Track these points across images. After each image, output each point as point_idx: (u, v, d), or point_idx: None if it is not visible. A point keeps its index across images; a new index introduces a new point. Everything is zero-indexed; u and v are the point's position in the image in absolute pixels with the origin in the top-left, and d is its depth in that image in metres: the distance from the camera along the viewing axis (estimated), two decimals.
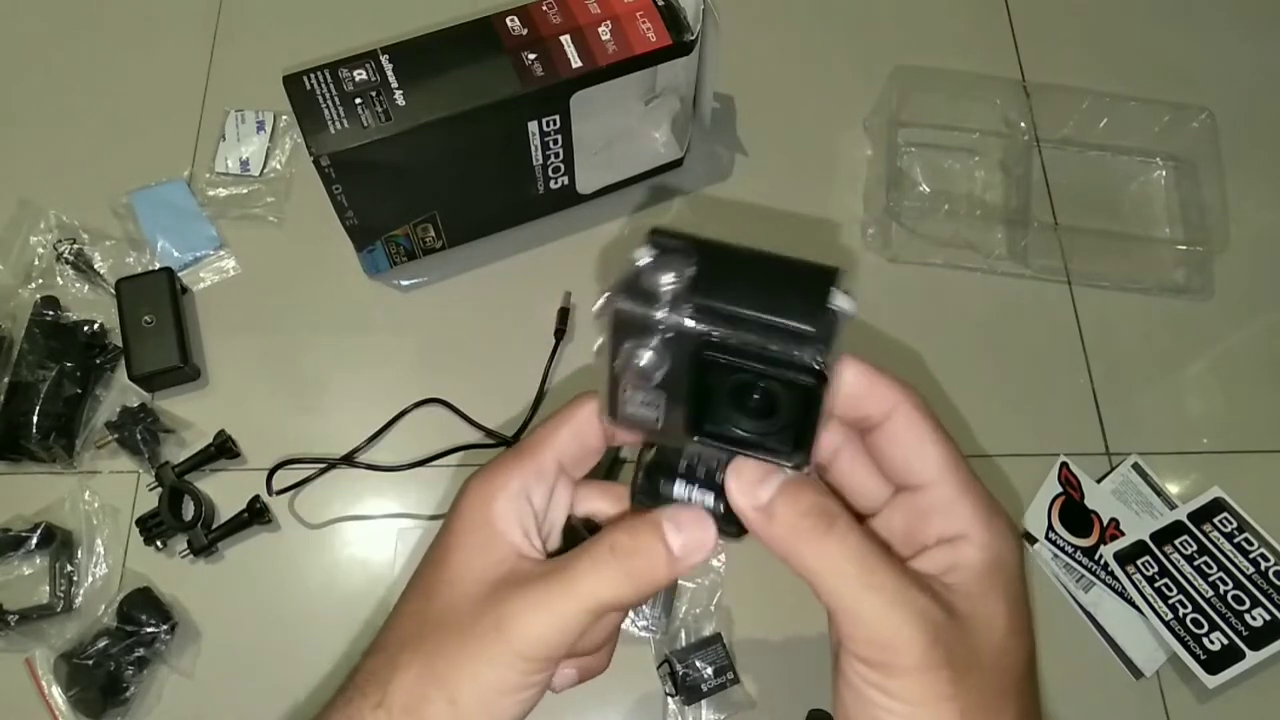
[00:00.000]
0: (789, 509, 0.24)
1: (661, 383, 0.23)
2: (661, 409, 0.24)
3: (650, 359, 0.23)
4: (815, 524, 0.24)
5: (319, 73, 0.58)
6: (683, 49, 0.61)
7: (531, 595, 0.25)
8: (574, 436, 0.28)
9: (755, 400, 0.23)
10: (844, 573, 0.24)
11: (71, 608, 0.59)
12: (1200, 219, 0.73)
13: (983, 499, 0.26)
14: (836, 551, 0.24)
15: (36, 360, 0.63)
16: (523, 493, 0.27)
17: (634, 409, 0.25)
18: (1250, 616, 0.61)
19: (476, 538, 0.27)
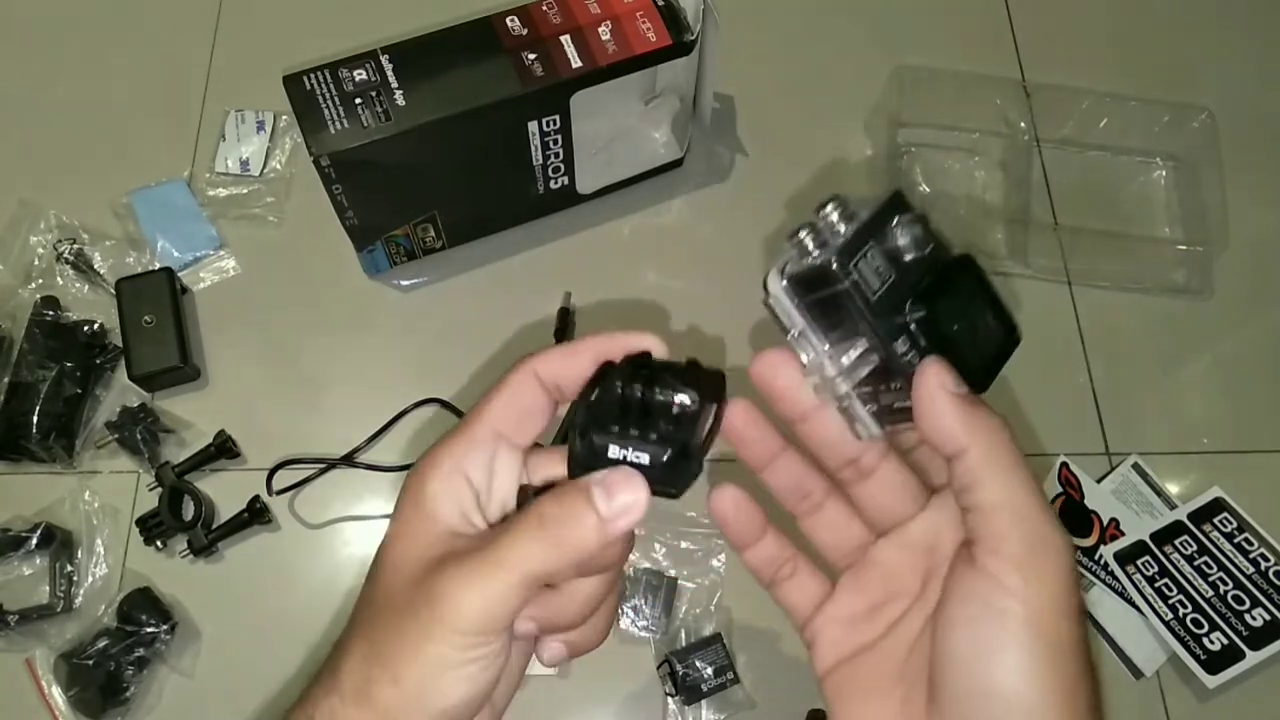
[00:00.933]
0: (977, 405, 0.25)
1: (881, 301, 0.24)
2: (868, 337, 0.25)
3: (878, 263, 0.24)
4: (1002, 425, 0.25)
5: (319, 73, 0.58)
6: (683, 49, 0.62)
7: (463, 571, 0.24)
8: (509, 402, 0.28)
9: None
10: (1020, 467, 0.25)
11: (71, 608, 0.59)
12: (1200, 219, 0.73)
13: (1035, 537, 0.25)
14: (1018, 453, 0.25)
15: (37, 360, 0.63)
16: (456, 470, 0.27)
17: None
18: (1250, 616, 0.61)
19: (413, 521, 0.26)
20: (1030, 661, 0.23)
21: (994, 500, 0.24)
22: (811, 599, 0.30)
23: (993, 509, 0.24)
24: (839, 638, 0.29)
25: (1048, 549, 0.24)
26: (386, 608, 0.26)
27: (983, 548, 0.24)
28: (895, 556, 0.29)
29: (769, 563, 0.30)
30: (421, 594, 0.25)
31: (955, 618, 0.25)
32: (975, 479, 0.25)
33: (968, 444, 0.25)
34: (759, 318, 0.70)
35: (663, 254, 0.72)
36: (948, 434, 0.25)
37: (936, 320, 0.25)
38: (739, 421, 0.29)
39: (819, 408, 0.28)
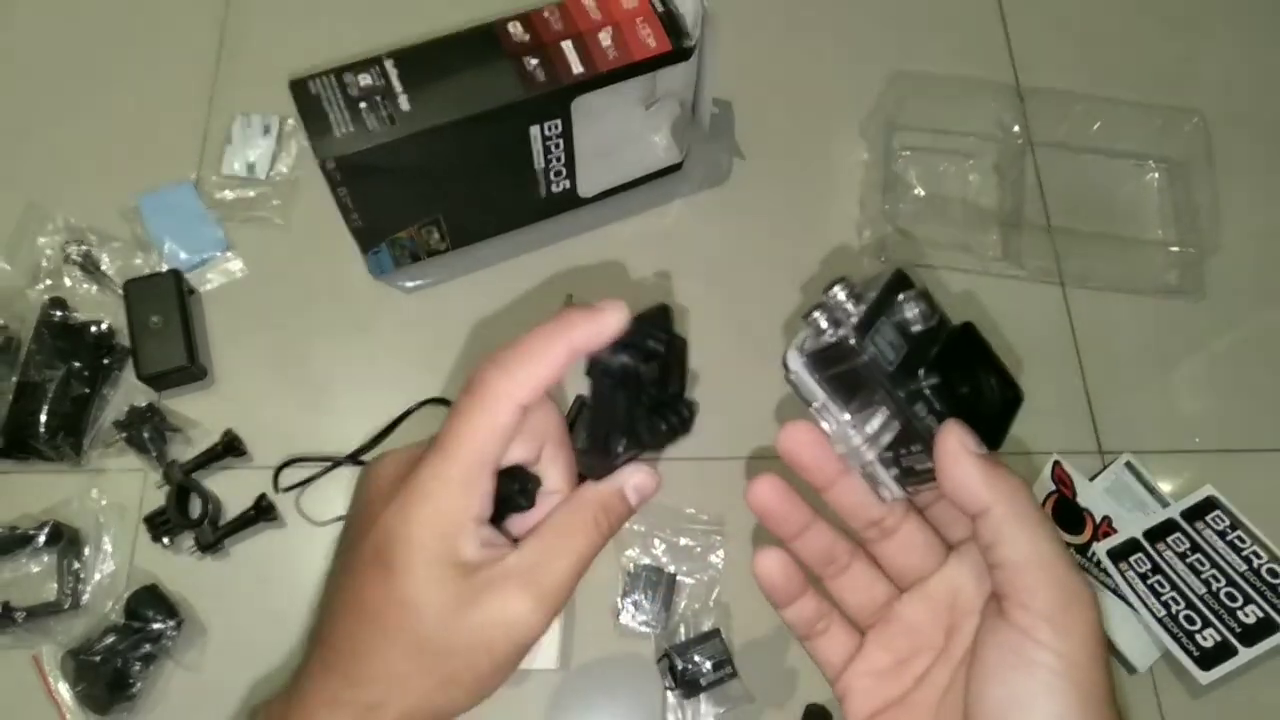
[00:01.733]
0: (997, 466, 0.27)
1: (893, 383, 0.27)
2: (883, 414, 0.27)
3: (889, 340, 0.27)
4: (1022, 483, 0.26)
5: (325, 77, 0.59)
6: (682, 54, 0.62)
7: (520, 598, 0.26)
8: (498, 437, 0.28)
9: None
10: (1042, 522, 0.26)
11: (79, 605, 0.60)
12: (1192, 221, 0.74)
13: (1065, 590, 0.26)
14: (1038, 507, 0.26)
15: (45, 360, 0.63)
16: (473, 519, 0.27)
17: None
18: (1243, 613, 0.62)
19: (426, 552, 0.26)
20: (1064, 710, 0.25)
21: (1021, 556, 0.26)
22: (843, 654, 0.31)
23: (1020, 564, 0.26)
24: (870, 691, 0.30)
25: (1076, 601, 0.25)
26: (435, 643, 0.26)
27: (1013, 601, 0.26)
28: (918, 611, 0.30)
29: (807, 620, 0.31)
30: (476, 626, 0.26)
31: (989, 669, 0.26)
32: (1000, 536, 0.26)
33: (991, 502, 0.26)
34: (758, 318, 0.71)
35: (662, 256, 0.73)
36: (971, 493, 0.26)
37: (948, 386, 0.27)
38: (771, 499, 0.30)
39: (844, 474, 0.30)
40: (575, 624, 0.61)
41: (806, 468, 0.29)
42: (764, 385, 0.64)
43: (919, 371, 0.27)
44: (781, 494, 0.30)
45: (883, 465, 0.28)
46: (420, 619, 0.26)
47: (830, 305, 0.28)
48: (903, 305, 0.27)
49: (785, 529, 0.31)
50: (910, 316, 0.27)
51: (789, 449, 0.29)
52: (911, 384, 0.27)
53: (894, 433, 0.27)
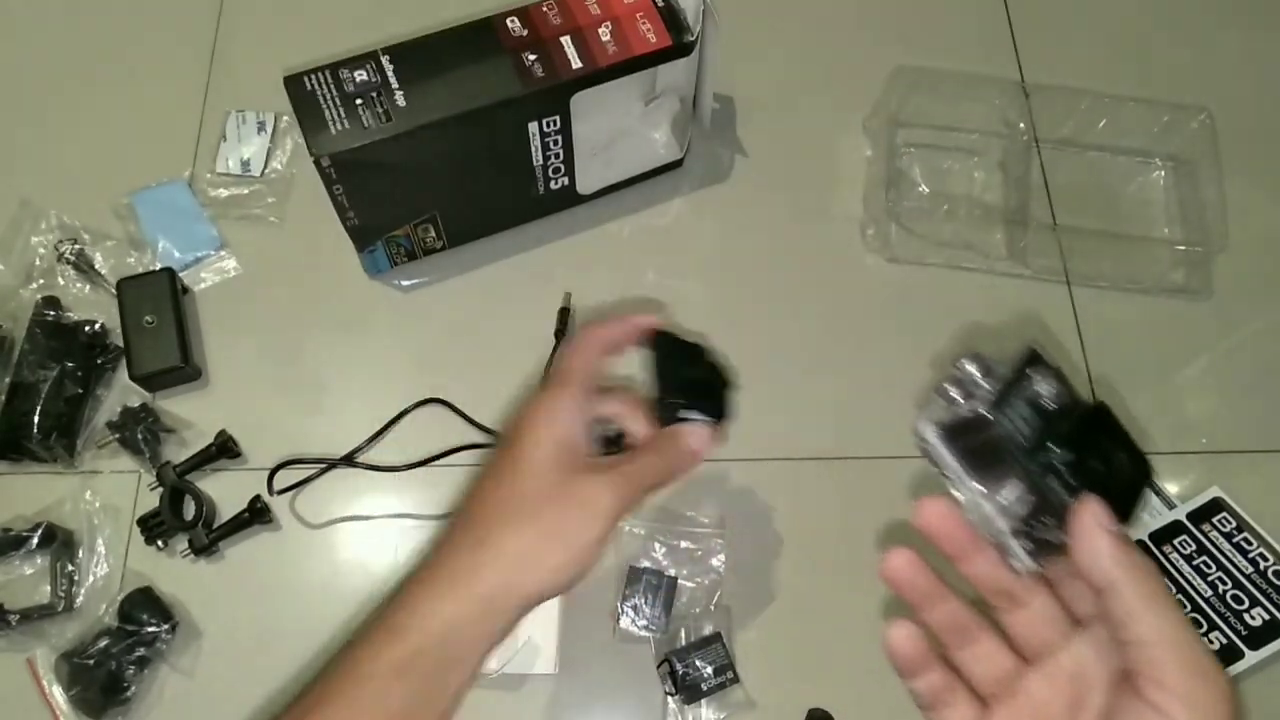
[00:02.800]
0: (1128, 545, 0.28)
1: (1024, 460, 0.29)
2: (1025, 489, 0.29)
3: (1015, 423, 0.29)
4: (1147, 562, 0.28)
5: (320, 73, 0.58)
6: (682, 50, 0.62)
7: (612, 474, 0.39)
8: (586, 366, 0.41)
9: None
10: (1174, 605, 0.27)
11: (72, 607, 0.59)
12: (1199, 219, 0.73)
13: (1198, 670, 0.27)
14: (1167, 587, 0.28)
15: (38, 360, 0.63)
16: (579, 412, 0.40)
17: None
18: (1249, 616, 0.61)
19: (553, 443, 0.38)
20: None
21: (1154, 634, 0.26)
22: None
23: (1153, 642, 0.26)
24: None
25: (1207, 679, 0.26)
26: (546, 500, 0.38)
27: (1145, 679, 0.26)
28: (1045, 685, 0.30)
29: (933, 692, 0.32)
30: (582, 492, 0.38)
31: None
32: (1133, 614, 0.27)
33: (1122, 580, 0.27)
34: (758, 317, 0.70)
35: (663, 254, 0.72)
36: (1104, 570, 0.27)
37: (1082, 462, 0.28)
38: (904, 573, 0.31)
39: (977, 546, 0.30)
40: (574, 628, 0.60)
41: (941, 539, 0.30)
42: (764, 385, 0.63)
43: (1052, 446, 0.28)
44: (915, 567, 0.31)
45: (1014, 537, 0.29)
46: (534, 477, 0.38)
47: (962, 379, 0.30)
48: (1036, 382, 0.29)
49: (919, 601, 0.31)
50: (1044, 393, 0.29)
51: (925, 522, 0.30)
52: (1044, 457, 0.28)
53: (1028, 505, 0.28)
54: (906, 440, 0.71)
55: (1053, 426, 0.29)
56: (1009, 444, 0.28)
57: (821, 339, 0.69)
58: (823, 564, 0.63)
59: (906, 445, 0.66)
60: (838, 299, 0.71)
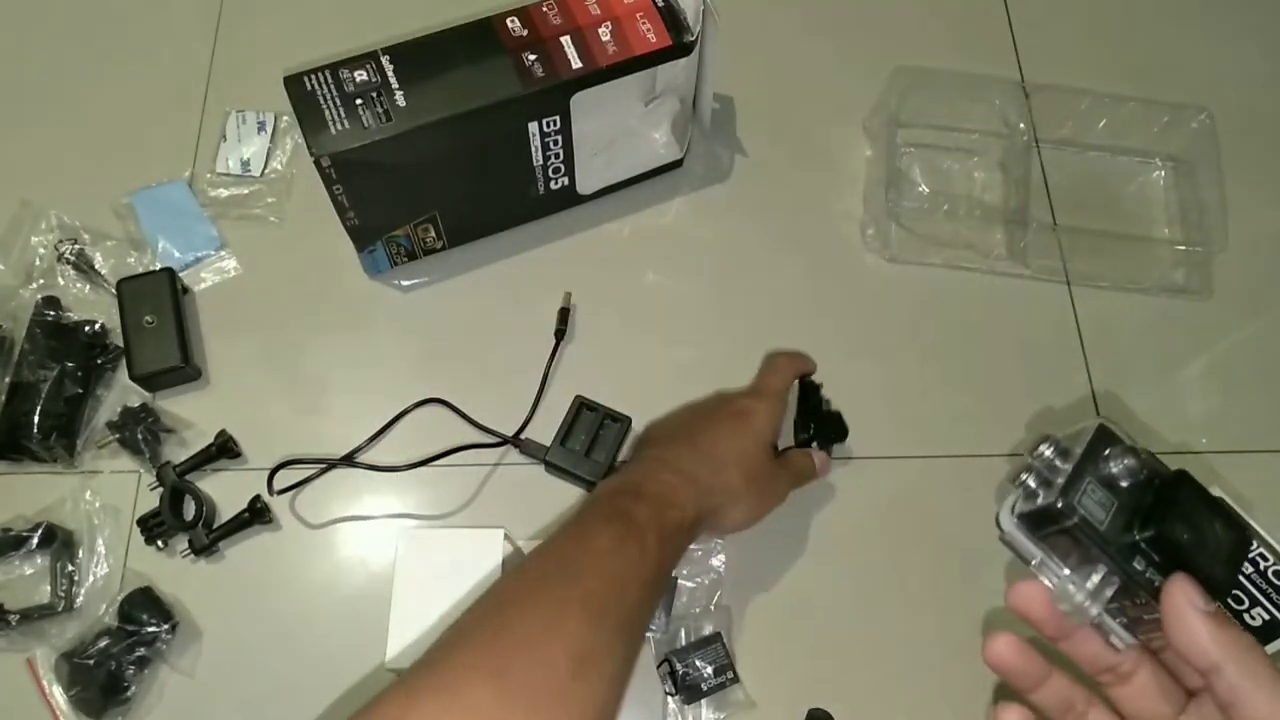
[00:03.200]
0: (1227, 623, 0.27)
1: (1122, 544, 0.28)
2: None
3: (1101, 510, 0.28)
4: (1250, 637, 0.27)
5: (320, 73, 0.58)
6: (683, 50, 0.62)
7: (792, 462, 0.60)
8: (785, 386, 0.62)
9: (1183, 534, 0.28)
10: (1271, 683, 0.26)
11: (72, 607, 0.59)
12: (1199, 219, 0.73)
13: None
14: (1270, 662, 0.27)
15: (38, 360, 0.63)
16: (779, 422, 0.60)
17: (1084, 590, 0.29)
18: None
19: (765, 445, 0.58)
20: None
21: (1265, 714, 0.26)
22: None
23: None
24: None
25: None
26: (763, 471, 0.57)
27: None
28: None
29: (1060, 703, 0.32)
30: (776, 473, 0.58)
31: None
32: (1237, 696, 0.26)
33: (1222, 660, 0.27)
34: (758, 318, 0.70)
35: (663, 254, 0.72)
36: (1201, 652, 0.27)
37: (1168, 537, 0.28)
38: (1008, 657, 0.31)
39: (1078, 627, 0.30)
40: None
41: (1040, 623, 0.30)
42: None
43: (1133, 525, 0.28)
44: (1018, 651, 0.31)
45: (1110, 616, 0.29)
46: (762, 451, 0.57)
47: (1038, 467, 0.29)
48: (1110, 462, 0.29)
49: (1024, 683, 0.31)
50: (1118, 472, 0.28)
51: (1021, 606, 0.30)
52: (1126, 538, 0.28)
53: (1114, 587, 0.28)
54: (906, 440, 0.71)
55: (1132, 502, 0.28)
56: (1088, 531, 0.28)
57: (821, 339, 0.69)
58: (823, 563, 0.63)
59: (906, 445, 0.66)
60: (837, 299, 0.71)
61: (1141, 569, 0.28)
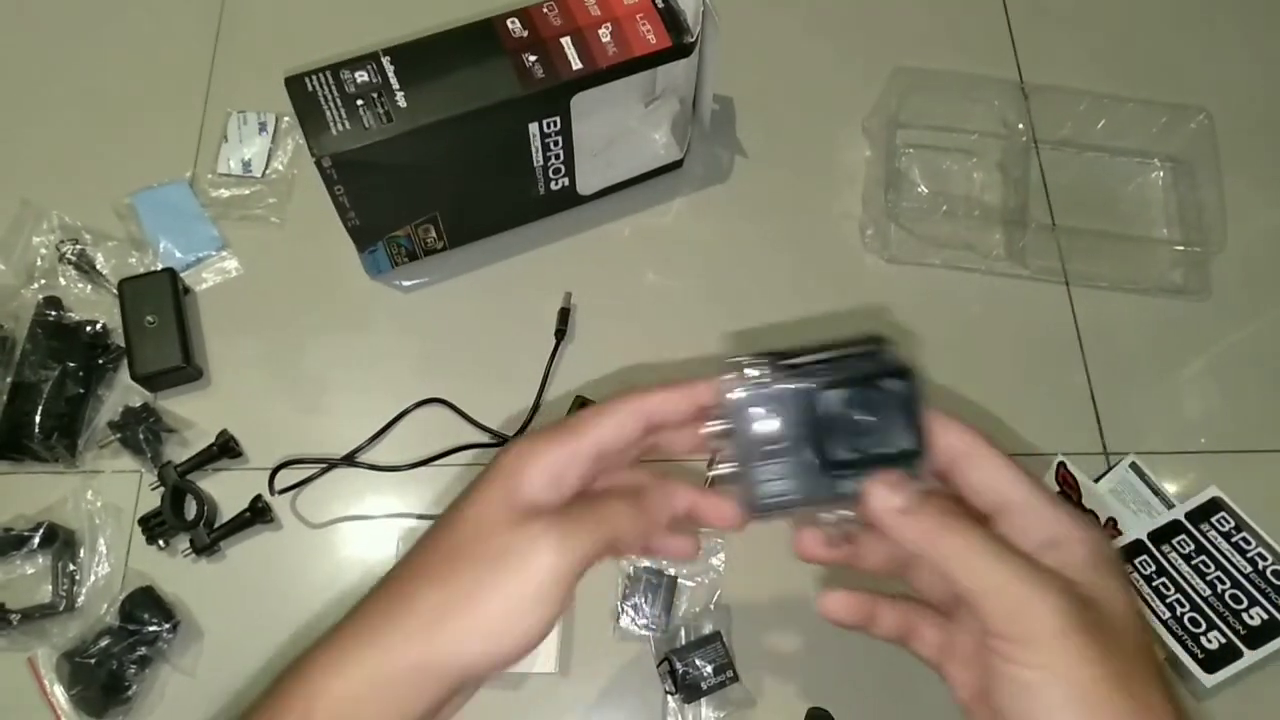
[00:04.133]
0: (930, 508, 0.29)
1: (781, 451, 0.29)
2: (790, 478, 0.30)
3: (770, 425, 0.29)
4: (951, 519, 0.28)
5: (321, 74, 0.59)
6: (682, 51, 0.62)
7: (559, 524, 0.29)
8: (614, 430, 0.31)
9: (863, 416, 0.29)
10: (982, 552, 0.27)
11: (74, 607, 0.59)
12: (1198, 220, 0.73)
13: (1068, 507, 0.29)
14: (973, 537, 0.28)
15: (39, 360, 0.63)
16: (553, 467, 0.30)
17: (768, 489, 0.30)
18: (1248, 616, 0.61)
19: (502, 498, 0.30)
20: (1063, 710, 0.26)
21: (968, 589, 0.27)
22: (934, 647, 0.33)
23: (971, 597, 0.27)
24: (964, 680, 0.32)
25: (1030, 612, 0.26)
26: (466, 554, 0.29)
27: (987, 631, 0.27)
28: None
29: (895, 632, 0.33)
30: (513, 544, 0.29)
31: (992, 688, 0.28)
32: (948, 576, 0.28)
33: (925, 548, 0.28)
34: (757, 319, 0.70)
35: (663, 255, 0.72)
36: (907, 548, 0.29)
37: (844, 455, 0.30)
38: (842, 609, 0.33)
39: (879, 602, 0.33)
40: (574, 628, 0.60)
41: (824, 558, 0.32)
42: None
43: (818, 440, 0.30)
44: (846, 601, 0.32)
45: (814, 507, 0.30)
46: (473, 524, 0.30)
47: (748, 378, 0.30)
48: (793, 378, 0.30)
49: (865, 625, 0.33)
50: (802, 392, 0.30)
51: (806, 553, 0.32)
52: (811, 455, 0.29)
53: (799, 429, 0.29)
54: None
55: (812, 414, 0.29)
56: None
57: (820, 339, 0.69)
58: None
59: None
60: (837, 299, 0.71)
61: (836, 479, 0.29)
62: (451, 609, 0.28)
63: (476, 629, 0.28)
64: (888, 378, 0.30)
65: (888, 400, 0.29)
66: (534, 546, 0.28)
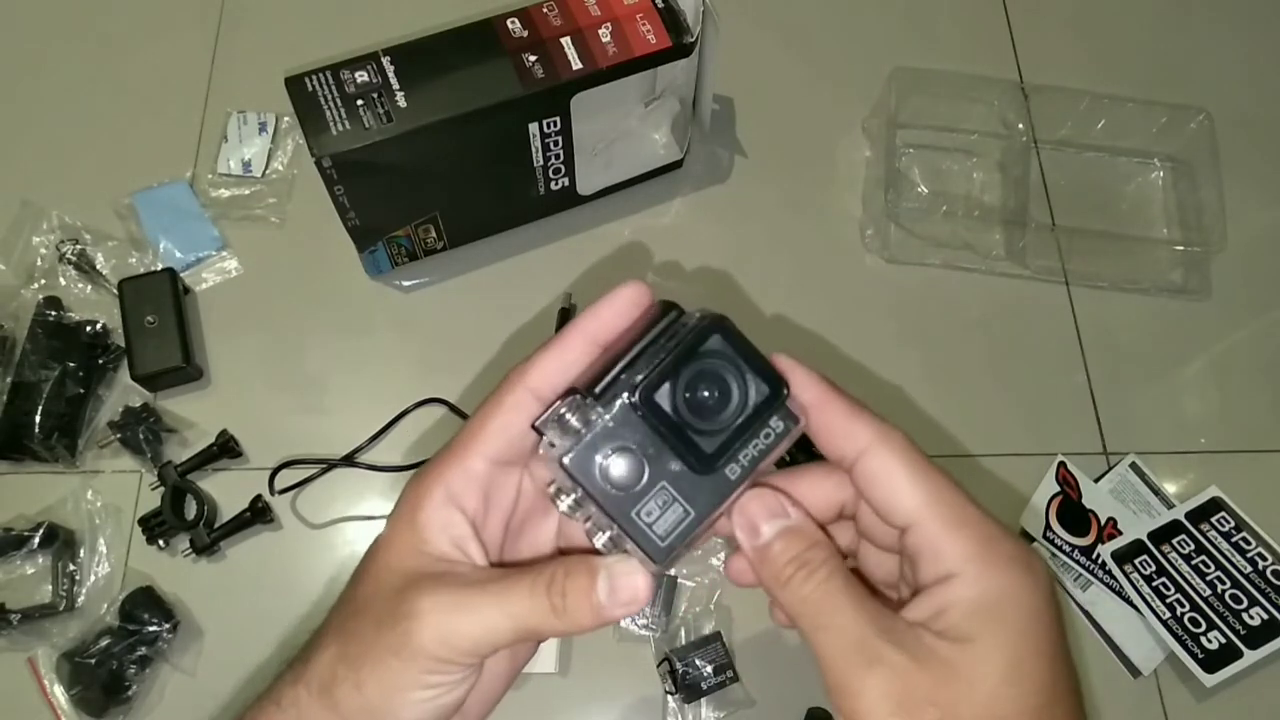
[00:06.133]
0: (780, 553, 0.25)
1: (650, 481, 0.25)
2: (677, 501, 0.26)
3: (622, 463, 0.25)
4: (796, 571, 0.25)
5: (321, 74, 0.59)
6: (682, 51, 0.62)
7: (451, 599, 0.25)
8: (505, 426, 0.27)
9: (705, 392, 0.25)
10: (805, 615, 0.25)
11: (74, 607, 0.59)
12: (1197, 219, 0.73)
13: (978, 533, 0.24)
14: (811, 598, 0.25)
15: (39, 360, 0.63)
16: (448, 501, 0.26)
17: (663, 528, 0.25)
18: (1248, 615, 0.61)
19: (405, 537, 0.27)
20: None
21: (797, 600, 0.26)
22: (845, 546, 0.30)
23: None
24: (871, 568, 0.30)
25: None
26: (363, 613, 0.26)
27: None
28: None
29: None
30: (399, 609, 0.25)
31: None
32: None
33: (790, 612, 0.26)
34: (757, 319, 0.70)
35: (663, 254, 0.72)
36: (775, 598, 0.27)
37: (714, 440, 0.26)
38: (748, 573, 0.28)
39: None
40: None
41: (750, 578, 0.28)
42: None
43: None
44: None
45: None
46: (368, 579, 0.27)
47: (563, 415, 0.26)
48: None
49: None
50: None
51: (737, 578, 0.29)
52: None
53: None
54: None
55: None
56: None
57: (820, 339, 0.69)
58: None
59: None
60: (837, 300, 0.71)
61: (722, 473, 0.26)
62: (340, 679, 0.25)
63: (362, 704, 0.25)
64: (702, 342, 0.26)
65: (717, 363, 0.26)
66: (417, 622, 0.25)
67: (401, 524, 0.27)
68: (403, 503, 0.27)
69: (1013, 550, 0.24)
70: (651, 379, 0.25)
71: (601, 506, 0.25)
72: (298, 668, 0.27)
